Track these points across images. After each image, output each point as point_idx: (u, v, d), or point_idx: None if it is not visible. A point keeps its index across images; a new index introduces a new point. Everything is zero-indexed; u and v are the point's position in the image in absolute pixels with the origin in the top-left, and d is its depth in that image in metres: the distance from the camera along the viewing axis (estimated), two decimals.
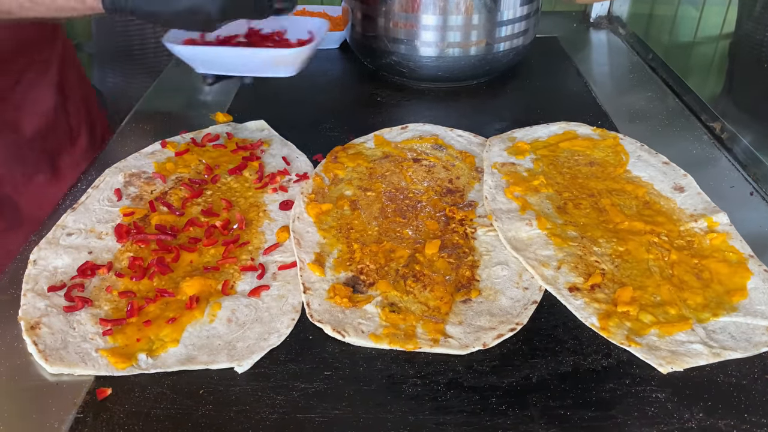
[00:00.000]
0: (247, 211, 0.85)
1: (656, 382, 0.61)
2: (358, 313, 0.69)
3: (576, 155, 0.96)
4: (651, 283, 0.72)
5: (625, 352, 0.65)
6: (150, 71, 2.25)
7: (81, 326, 0.66)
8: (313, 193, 0.87)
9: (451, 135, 1.02)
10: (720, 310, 0.69)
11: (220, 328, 0.67)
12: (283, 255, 0.77)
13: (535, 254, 0.76)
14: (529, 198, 0.86)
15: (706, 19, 1.89)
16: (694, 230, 0.80)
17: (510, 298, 0.71)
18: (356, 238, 0.79)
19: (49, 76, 1.07)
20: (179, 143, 0.98)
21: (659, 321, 0.68)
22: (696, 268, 0.75)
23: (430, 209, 0.85)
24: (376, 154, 0.97)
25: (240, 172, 0.92)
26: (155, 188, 0.88)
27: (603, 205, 0.84)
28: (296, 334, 0.67)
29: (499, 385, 0.61)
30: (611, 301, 0.70)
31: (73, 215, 0.82)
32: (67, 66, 1.11)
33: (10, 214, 1.02)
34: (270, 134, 1.03)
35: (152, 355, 0.64)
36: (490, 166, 0.92)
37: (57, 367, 0.62)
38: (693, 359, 0.63)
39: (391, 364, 0.64)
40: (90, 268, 0.73)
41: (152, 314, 0.68)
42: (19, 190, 1.04)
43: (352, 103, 1.18)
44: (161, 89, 1.22)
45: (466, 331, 0.67)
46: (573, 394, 0.60)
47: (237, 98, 1.16)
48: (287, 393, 0.60)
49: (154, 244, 0.77)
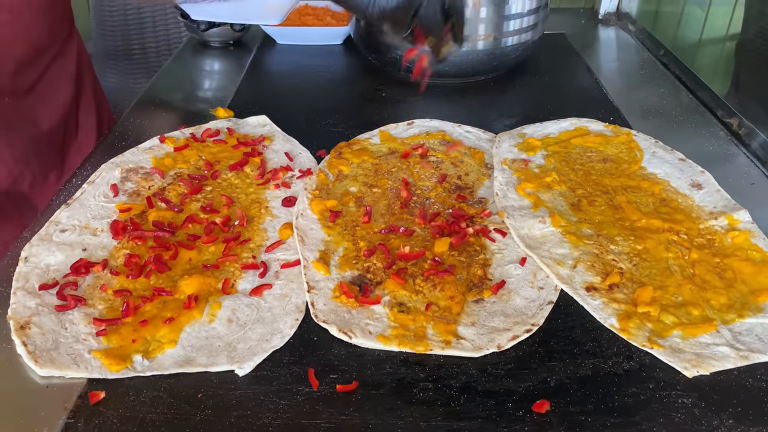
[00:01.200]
0: (248, 207, 0.81)
1: (681, 386, 0.58)
2: (365, 314, 0.66)
3: (589, 152, 0.92)
4: (672, 283, 0.69)
5: (648, 354, 0.61)
6: (150, 71, 2.22)
7: (73, 326, 0.63)
8: (317, 189, 0.84)
9: (459, 131, 0.99)
10: (745, 310, 0.66)
11: (220, 328, 0.64)
12: (286, 253, 0.74)
13: (550, 252, 0.73)
14: (541, 195, 0.82)
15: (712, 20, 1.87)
16: (714, 228, 0.77)
17: (524, 298, 0.68)
18: (362, 236, 0.76)
19: (68, 67, 1.04)
20: (178, 138, 0.95)
21: (682, 322, 0.64)
22: (718, 267, 0.71)
23: (438, 206, 0.82)
24: (382, 150, 0.94)
25: (241, 168, 0.88)
26: (153, 184, 0.85)
27: (618, 202, 0.81)
28: (300, 335, 0.64)
29: (515, 389, 0.58)
30: (631, 301, 0.67)
31: (68, 211, 0.78)
32: (82, 58, 1.09)
33: (27, 213, 0.98)
34: (272, 129, 1.00)
35: (148, 357, 0.60)
36: (500, 162, 0.89)
37: (47, 369, 0.58)
38: (720, 362, 0.60)
39: (400, 366, 0.60)
40: (84, 266, 0.70)
41: (149, 314, 0.65)
42: (36, 189, 1.01)
43: (357, 98, 1.15)
44: (160, 84, 1.19)
45: (480, 332, 0.64)
46: (594, 399, 0.57)
47: (238, 93, 1.13)
48: (291, 397, 0.57)
49: (152, 241, 0.74)
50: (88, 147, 1.09)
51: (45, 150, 1.01)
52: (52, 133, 1.02)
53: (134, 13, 2.16)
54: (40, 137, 0.99)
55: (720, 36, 1.99)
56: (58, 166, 1.04)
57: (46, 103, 1.00)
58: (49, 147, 1.02)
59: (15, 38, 0.88)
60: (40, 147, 1.00)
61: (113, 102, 2.27)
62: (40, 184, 1.01)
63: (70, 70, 1.04)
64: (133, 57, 2.25)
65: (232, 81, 1.18)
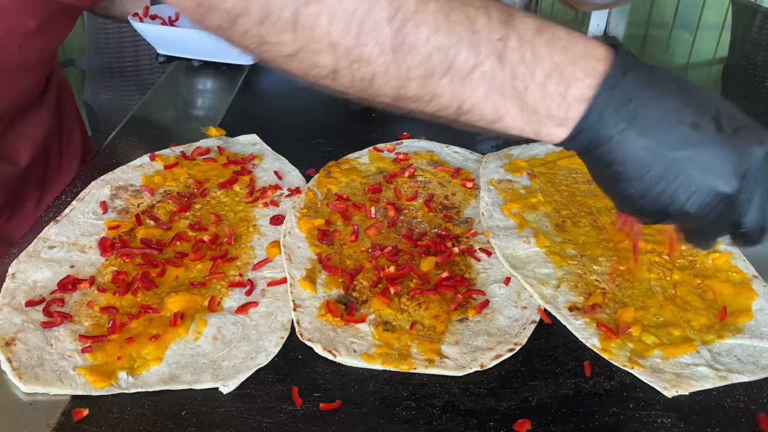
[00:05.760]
0: (236, 225, 0.82)
1: (661, 406, 0.59)
2: (350, 332, 0.66)
3: (574, 173, 0.94)
4: (653, 303, 0.70)
5: (628, 374, 0.62)
6: (143, 88, 2.24)
7: (59, 343, 0.63)
8: (305, 207, 0.84)
9: (446, 151, 1.00)
10: (725, 331, 0.67)
11: (206, 346, 0.64)
12: (273, 271, 0.74)
13: (534, 272, 0.74)
14: (526, 215, 0.83)
15: (699, 44, 1.89)
16: (696, 250, 0.78)
17: (508, 318, 0.69)
18: (349, 255, 0.77)
19: (47, 100, 1.03)
20: (168, 156, 0.95)
21: (663, 342, 0.65)
22: (699, 289, 0.72)
23: (425, 225, 0.83)
24: (371, 170, 0.95)
25: (230, 186, 0.89)
26: (142, 201, 0.85)
27: (602, 223, 0.82)
28: (285, 354, 0.64)
29: (497, 408, 0.58)
30: (613, 321, 0.68)
31: (56, 228, 0.79)
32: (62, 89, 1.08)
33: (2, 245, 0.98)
34: (262, 148, 1.01)
35: (133, 374, 0.60)
36: (487, 183, 0.90)
37: (31, 385, 0.58)
38: (699, 382, 0.61)
39: (384, 385, 0.61)
40: (71, 283, 0.70)
41: (135, 331, 0.65)
42: (11, 221, 1.00)
43: (347, 118, 1.16)
44: (152, 102, 1.20)
45: (463, 351, 0.64)
46: (575, 418, 0.57)
47: (229, 112, 1.14)
48: (274, 415, 0.57)
49: (139, 259, 0.75)
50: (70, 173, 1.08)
51: (23, 184, 1.01)
52: (30, 168, 1.01)
53: (129, 31, 2.18)
54: (17, 173, 0.99)
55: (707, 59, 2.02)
56: (35, 196, 1.04)
57: (23, 139, 0.98)
58: (28, 181, 1.01)
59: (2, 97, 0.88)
60: (18, 182, 0.99)
61: (105, 118, 2.28)
62: (14, 213, 1.01)
63: (50, 103, 1.04)
64: (127, 74, 2.27)
65: (223, 100, 1.19)
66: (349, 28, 0.46)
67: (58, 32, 0.88)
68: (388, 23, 0.46)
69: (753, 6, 1.59)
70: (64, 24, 0.88)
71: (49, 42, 0.87)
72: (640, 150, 0.48)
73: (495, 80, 0.48)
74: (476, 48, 0.47)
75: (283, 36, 0.47)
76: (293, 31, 0.46)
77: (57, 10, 0.81)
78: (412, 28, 0.46)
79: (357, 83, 0.49)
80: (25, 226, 0.84)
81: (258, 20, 0.46)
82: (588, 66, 0.48)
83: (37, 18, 0.79)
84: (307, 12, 0.45)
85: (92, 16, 2.11)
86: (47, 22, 0.81)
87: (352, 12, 0.45)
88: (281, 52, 0.48)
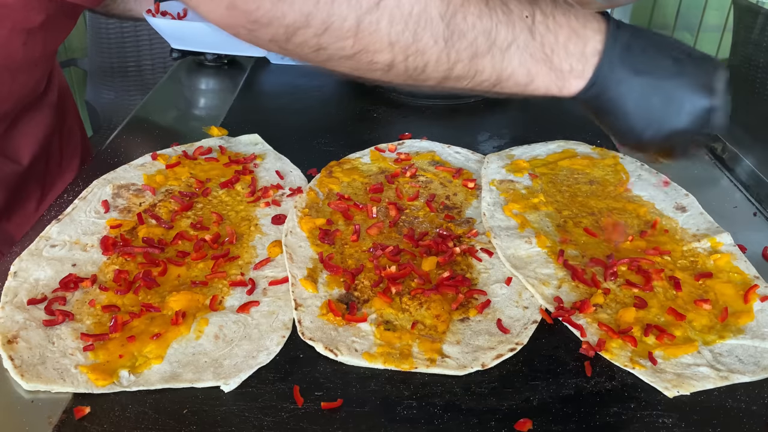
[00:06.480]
0: (238, 224, 0.82)
1: (663, 406, 0.59)
2: (351, 331, 0.66)
3: (575, 173, 0.94)
4: (655, 304, 0.70)
5: (630, 374, 0.62)
6: (145, 88, 2.24)
7: (61, 341, 0.63)
8: (307, 207, 0.84)
9: (448, 152, 1.00)
10: (726, 332, 0.67)
11: (207, 344, 0.64)
12: (275, 270, 0.74)
13: (535, 272, 0.74)
14: (528, 215, 0.83)
15: (701, 46, 1.89)
16: (697, 250, 0.78)
17: (509, 317, 0.69)
18: (350, 254, 0.77)
19: (48, 99, 1.03)
20: (170, 156, 0.96)
21: (664, 342, 0.65)
22: (700, 289, 0.72)
23: (426, 225, 0.83)
24: (372, 170, 0.95)
25: (232, 186, 0.89)
26: (144, 200, 0.85)
27: (604, 224, 0.82)
28: (286, 353, 0.64)
29: (498, 407, 0.58)
30: (614, 321, 0.68)
31: (58, 226, 0.79)
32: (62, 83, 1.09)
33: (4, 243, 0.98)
34: (264, 148, 1.01)
35: (135, 372, 0.61)
36: (488, 183, 0.90)
37: (33, 383, 0.59)
38: (700, 383, 0.61)
39: (385, 384, 0.61)
40: (73, 281, 0.70)
41: (136, 329, 0.65)
42: (13, 219, 1.00)
43: (348, 119, 1.16)
44: (154, 102, 1.20)
45: (464, 350, 0.64)
46: (576, 418, 0.57)
47: (231, 112, 1.14)
48: (276, 414, 0.57)
49: (141, 257, 0.75)
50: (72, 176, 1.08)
51: (25, 183, 1.00)
52: (32, 167, 1.01)
53: (131, 30, 2.18)
54: (20, 171, 0.99)
55: None
56: (37, 195, 1.04)
57: (24, 138, 0.98)
58: (29, 179, 1.01)
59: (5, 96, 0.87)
60: (20, 181, 0.99)
61: (107, 118, 2.28)
62: (15, 212, 1.00)
63: (52, 100, 1.03)
64: (129, 74, 2.27)
65: (225, 100, 1.19)
66: (406, 27, 0.51)
67: (60, 31, 0.88)
68: (441, 18, 0.52)
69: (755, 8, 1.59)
70: (66, 23, 0.88)
71: (51, 40, 0.87)
72: (640, 86, 0.58)
73: (528, 49, 0.56)
74: (512, 26, 0.55)
75: (344, 42, 0.51)
76: (354, 37, 0.51)
77: (60, 8, 0.81)
78: (460, 18, 0.53)
79: (410, 72, 0.55)
80: (27, 225, 0.84)
81: (319, 31, 0.50)
82: (594, 26, 0.58)
83: (43, 15, 0.79)
84: (368, 19, 0.50)
85: (94, 16, 2.12)
86: (51, 20, 0.81)
87: (409, 12, 0.51)
88: (337, 55, 0.53)
